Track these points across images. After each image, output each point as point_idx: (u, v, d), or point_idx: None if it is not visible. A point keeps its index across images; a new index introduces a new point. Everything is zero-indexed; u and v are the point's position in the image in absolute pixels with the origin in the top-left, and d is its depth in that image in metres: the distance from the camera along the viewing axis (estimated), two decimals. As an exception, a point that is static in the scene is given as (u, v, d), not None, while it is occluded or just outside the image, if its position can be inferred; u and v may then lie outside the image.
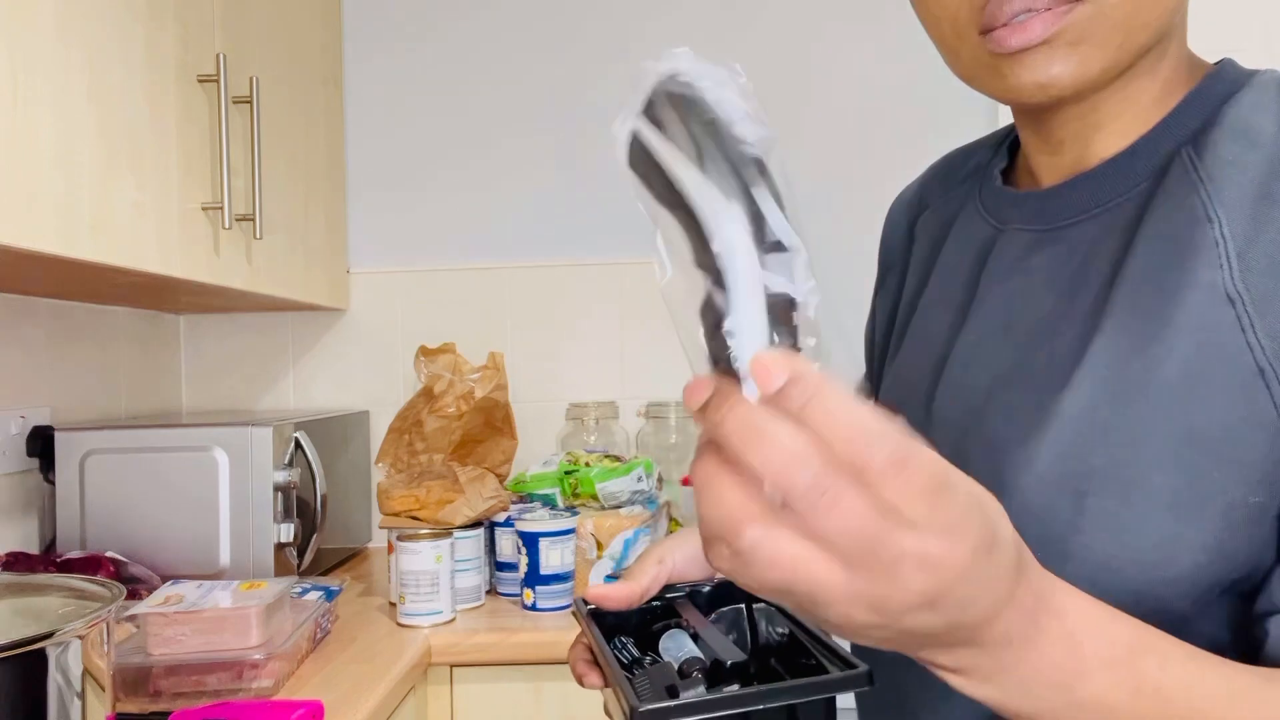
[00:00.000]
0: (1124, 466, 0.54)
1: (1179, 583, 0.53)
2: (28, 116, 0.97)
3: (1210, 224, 0.55)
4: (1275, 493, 0.52)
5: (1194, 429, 0.53)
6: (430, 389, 1.67)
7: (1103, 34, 0.57)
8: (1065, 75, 0.58)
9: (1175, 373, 0.54)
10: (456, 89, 2.04)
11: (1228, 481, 0.52)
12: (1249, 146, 0.56)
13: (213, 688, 1.08)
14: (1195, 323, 0.54)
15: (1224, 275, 0.54)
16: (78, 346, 1.65)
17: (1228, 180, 0.56)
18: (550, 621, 1.44)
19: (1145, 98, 0.61)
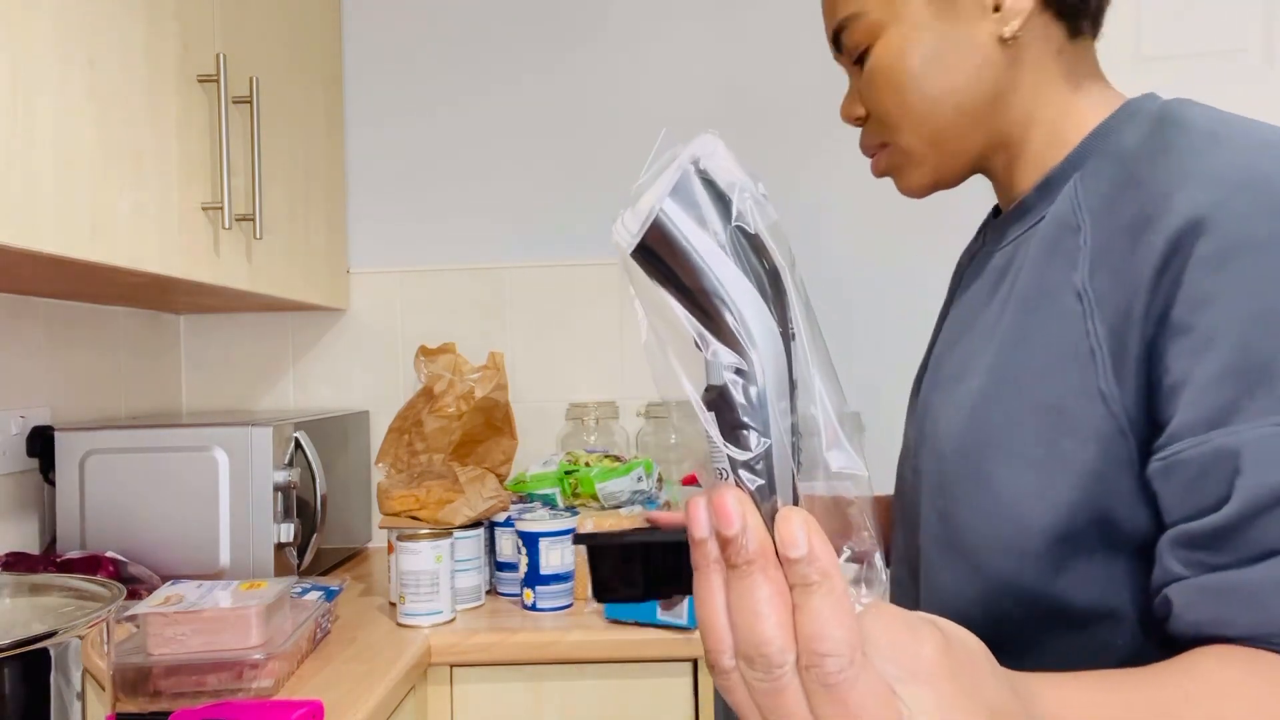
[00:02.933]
0: (1003, 437, 0.66)
1: (1039, 528, 0.63)
2: (28, 116, 0.97)
3: (1077, 232, 0.66)
4: (1112, 456, 0.61)
5: (1051, 404, 0.64)
6: (430, 389, 1.67)
7: (913, 165, 0.77)
8: (911, 190, 0.78)
9: (1041, 358, 0.65)
10: (456, 89, 2.04)
11: (1076, 447, 0.62)
12: (1111, 163, 0.67)
13: (213, 688, 1.08)
14: (1058, 315, 0.65)
15: (1079, 274, 0.64)
16: (78, 346, 1.65)
17: (1093, 193, 0.67)
18: (550, 621, 1.44)
19: (1035, 148, 0.74)
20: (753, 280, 0.41)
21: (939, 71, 0.73)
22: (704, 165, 0.42)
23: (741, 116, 2.01)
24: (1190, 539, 0.57)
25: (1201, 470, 0.56)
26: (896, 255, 1.97)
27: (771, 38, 2.00)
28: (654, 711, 1.40)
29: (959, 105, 0.73)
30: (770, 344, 0.41)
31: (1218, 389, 0.56)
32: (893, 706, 0.39)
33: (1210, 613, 0.56)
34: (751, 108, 2.01)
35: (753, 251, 0.42)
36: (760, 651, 0.39)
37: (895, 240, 1.97)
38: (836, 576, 0.39)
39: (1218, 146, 0.62)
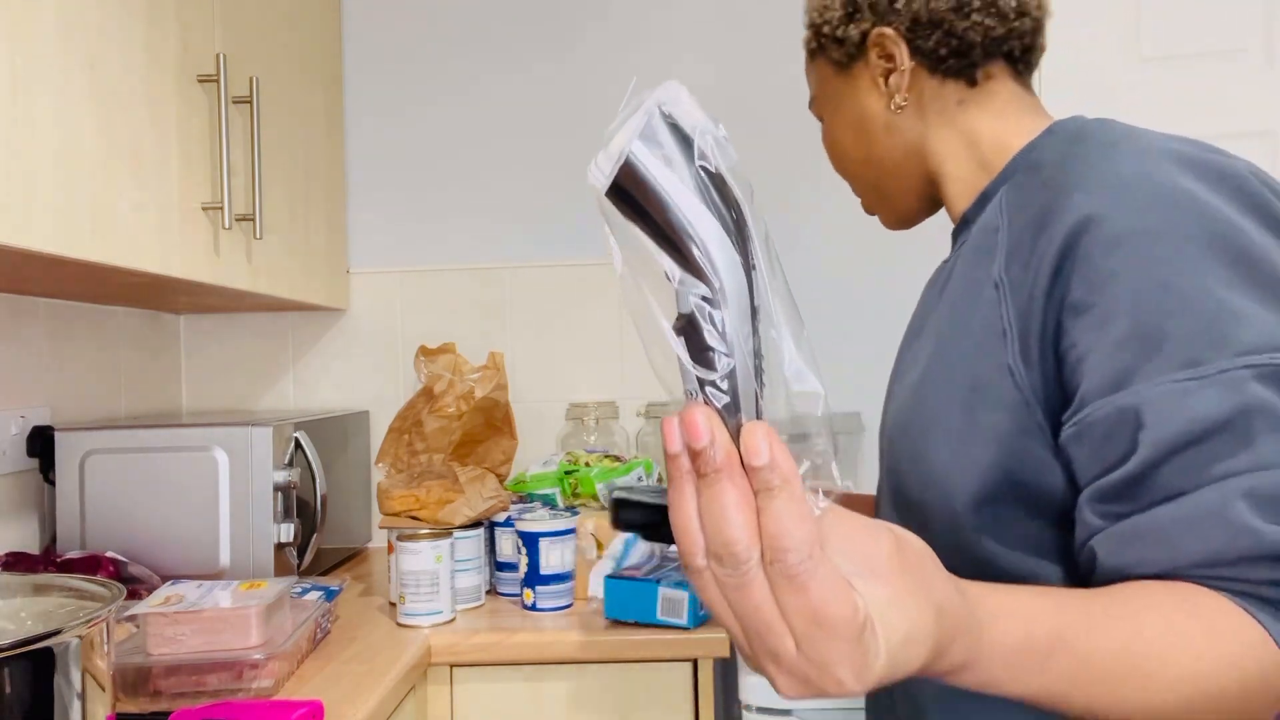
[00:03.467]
0: (935, 415, 0.75)
1: (962, 491, 0.71)
2: (28, 116, 0.97)
3: (997, 232, 0.75)
4: (1020, 425, 0.68)
5: (972, 382, 0.72)
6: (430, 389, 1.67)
7: (876, 209, 0.95)
8: (890, 227, 0.96)
9: (967, 344, 0.74)
10: (456, 89, 2.04)
11: (990, 417, 0.70)
12: (1030, 173, 0.77)
13: (213, 688, 1.08)
14: (982, 305, 0.73)
15: (996, 266, 0.73)
16: (78, 346, 1.65)
17: (1014, 200, 0.76)
18: (550, 621, 1.44)
19: (962, 175, 0.86)
20: (716, 215, 0.45)
21: (860, 141, 0.90)
22: (668, 110, 0.46)
23: (741, 116, 2.01)
24: (1104, 493, 0.63)
25: (1107, 429, 0.63)
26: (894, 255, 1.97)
27: (771, 38, 2.00)
28: (654, 711, 1.40)
29: (881, 163, 0.89)
30: (733, 273, 0.45)
31: (1117, 356, 0.63)
32: (849, 595, 0.43)
33: (1128, 556, 0.61)
34: (751, 107, 2.01)
35: (715, 189, 0.45)
36: (729, 550, 0.43)
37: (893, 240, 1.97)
38: (796, 482, 0.43)
39: (1115, 152, 0.70)
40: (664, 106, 0.45)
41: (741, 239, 0.45)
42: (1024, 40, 0.84)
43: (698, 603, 1.39)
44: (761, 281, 0.45)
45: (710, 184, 0.45)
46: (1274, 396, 0.59)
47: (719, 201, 0.45)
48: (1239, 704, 0.56)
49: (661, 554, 1.58)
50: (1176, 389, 0.61)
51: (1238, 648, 0.56)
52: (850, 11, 0.87)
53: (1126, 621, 0.56)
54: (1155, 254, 0.63)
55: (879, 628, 0.44)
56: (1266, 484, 0.58)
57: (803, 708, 1.33)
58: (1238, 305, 0.61)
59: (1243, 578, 0.57)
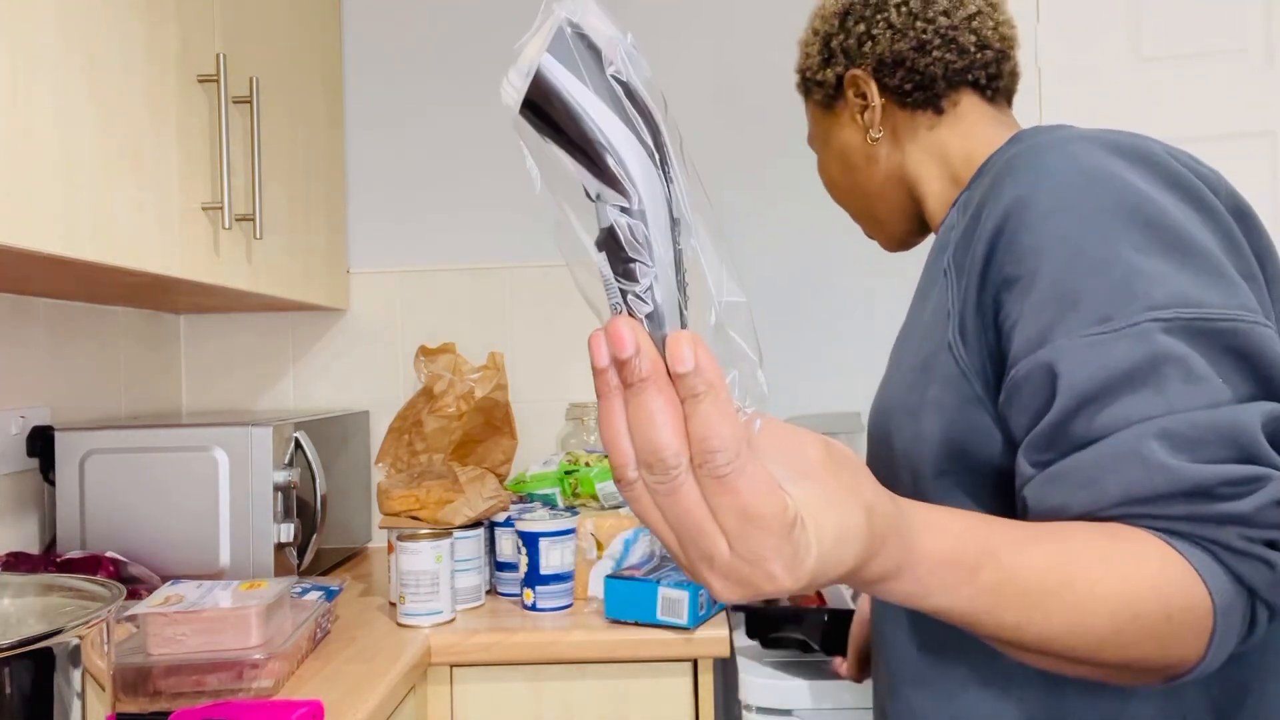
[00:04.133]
0: (896, 394, 0.82)
1: (922, 463, 0.77)
2: (28, 117, 0.97)
3: (953, 229, 0.81)
4: (960, 394, 0.74)
5: (922, 361, 0.78)
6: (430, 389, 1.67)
7: (870, 232, 1.04)
8: (887, 248, 1.05)
9: (922, 328, 0.81)
10: (456, 89, 2.04)
11: (937, 391, 0.76)
12: (984, 175, 0.82)
13: (213, 688, 1.08)
14: (936, 294, 0.79)
15: (947, 258, 0.78)
16: (78, 346, 1.65)
17: (966, 198, 0.83)
18: (550, 621, 1.44)
19: (936, 191, 0.93)
20: (630, 127, 0.44)
21: (846, 172, 0.99)
22: (577, 20, 0.45)
23: (741, 115, 2.01)
24: (1032, 444, 0.67)
25: (1031, 386, 0.67)
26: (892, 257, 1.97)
27: (771, 38, 2.00)
28: (654, 711, 1.40)
29: (867, 191, 0.98)
30: (650, 184, 0.44)
31: (1038, 318, 0.67)
32: (777, 492, 0.45)
33: (1054, 499, 0.64)
34: (751, 107, 2.01)
35: (628, 99, 0.45)
36: (658, 456, 0.44)
37: (895, 240, 1.97)
38: (721, 386, 0.44)
39: (1048, 146, 0.74)
40: (573, 18, 0.45)
41: (658, 149, 0.45)
42: (988, 70, 0.91)
43: (698, 603, 1.39)
44: (679, 192, 0.45)
45: (623, 95, 0.44)
46: (1181, 347, 0.63)
47: (633, 112, 0.44)
48: (1165, 628, 0.58)
49: (661, 554, 1.58)
50: (1088, 341, 0.64)
51: (1162, 574, 0.59)
52: (826, 57, 0.97)
53: (1055, 544, 0.59)
54: (1073, 225, 0.68)
55: (809, 524, 0.46)
56: (1178, 425, 0.61)
57: (804, 708, 1.33)
58: (1149, 268, 0.65)
59: (1161, 514, 0.60)
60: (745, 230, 2.01)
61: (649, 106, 0.45)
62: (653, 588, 1.39)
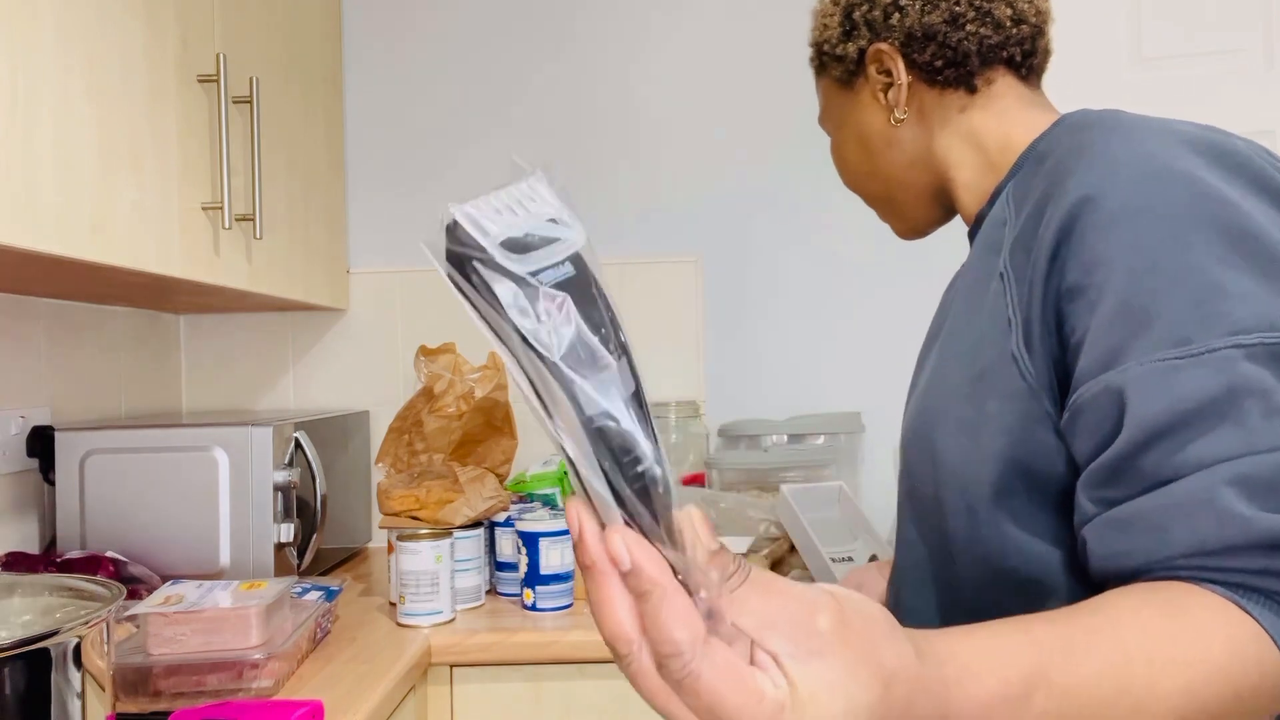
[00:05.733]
0: (944, 410, 0.75)
1: (978, 484, 0.70)
2: (28, 116, 0.97)
3: (1004, 225, 0.75)
4: (1026, 412, 0.67)
5: (978, 373, 0.72)
6: (430, 389, 1.67)
7: (886, 218, 0.97)
8: (901, 236, 0.98)
9: (976, 334, 0.73)
10: (456, 88, 2.04)
11: (998, 406, 0.69)
12: (1035, 165, 0.77)
13: (213, 688, 1.08)
14: (990, 297, 0.73)
15: (1002, 259, 0.73)
16: (78, 346, 1.65)
17: (1019, 189, 0.76)
18: (550, 621, 1.44)
19: (969, 178, 0.86)
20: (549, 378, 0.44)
21: (865, 155, 0.91)
22: (460, 239, 0.45)
23: (742, 116, 2.01)
24: (1094, 477, 0.62)
25: (1096, 411, 0.62)
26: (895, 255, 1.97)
27: (774, 39, 2.00)
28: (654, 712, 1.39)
29: (887, 176, 0.91)
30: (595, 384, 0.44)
31: (1107, 336, 0.62)
32: (749, 688, 0.41)
33: (1117, 545, 0.60)
34: (753, 108, 2.01)
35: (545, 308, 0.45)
36: (611, 644, 0.43)
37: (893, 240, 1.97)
38: (665, 584, 0.41)
39: (1113, 136, 0.69)
40: (453, 238, 0.45)
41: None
42: (1023, 46, 0.84)
43: (698, 603, 1.39)
44: (614, 385, 0.44)
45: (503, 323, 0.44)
46: (1266, 377, 0.57)
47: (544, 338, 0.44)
48: (1236, 706, 0.54)
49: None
50: (1162, 367, 0.59)
51: (1229, 650, 0.54)
52: (848, 29, 0.88)
53: (1108, 644, 0.54)
54: (1147, 232, 0.62)
55: (808, 709, 0.42)
56: (1256, 468, 0.56)
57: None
58: (1231, 283, 0.60)
59: (1232, 567, 0.56)
60: (745, 230, 2.01)
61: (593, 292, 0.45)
62: (653, 588, 1.39)
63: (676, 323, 1.99)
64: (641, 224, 2.02)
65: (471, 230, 0.45)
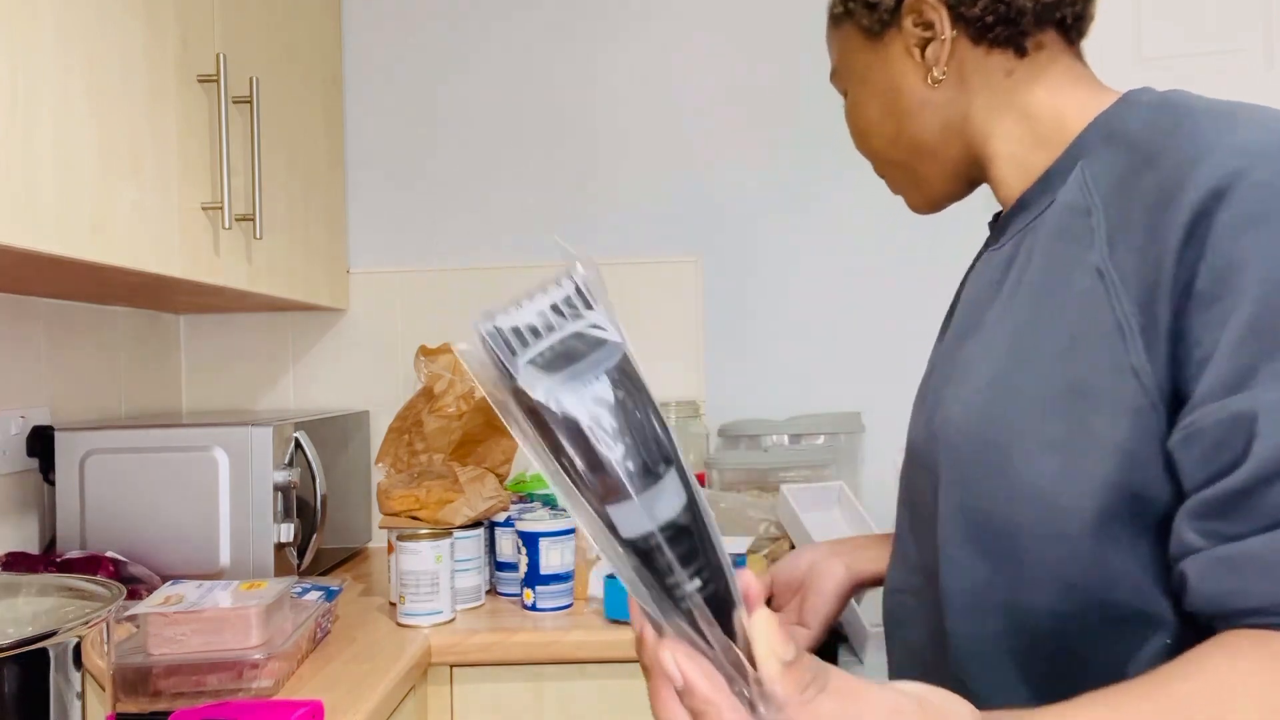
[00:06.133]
0: (1023, 423, 0.66)
1: (1076, 511, 0.62)
2: (28, 117, 0.97)
3: (1089, 215, 0.67)
4: (1144, 431, 0.60)
5: (1073, 384, 0.64)
6: (430, 389, 1.67)
7: (903, 188, 0.85)
8: (915, 209, 0.86)
9: (1062, 337, 0.65)
10: (457, 89, 2.04)
11: (1106, 425, 0.61)
12: (1118, 148, 0.69)
13: (213, 688, 1.08)
14: (1078, 296, 0.65)
15: (1096, 254, 0.65)
16: (78, 346, 1.65)
17: (1102, 177, 0.68)
18: (550, 621, 1.44)
19: (1012, 153, 0.77)
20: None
21: (890, 117, 0.81)
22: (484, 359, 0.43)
23: (742, 115, 2.01)
24: (1205, 507, 0.57)
25: (1218, 436, 0.56)
26: (895, 254, 1.97)
27: (777, 39, 2.00)
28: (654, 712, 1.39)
29: (914, 142, 0.80)
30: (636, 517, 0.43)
31: (1237, 355, 0.56)
32: None
33: (1224, 584, 0.55)
34: (753, 107, 2.00)
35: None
36: None
37: (893, 239, 1.97)
38: (719, 701, 0.42)
39: (1234, 121, 0.63)
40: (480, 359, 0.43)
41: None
42: (1075, 7, 0.77)
43: (698, 603, 1.38)
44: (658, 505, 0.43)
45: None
46: None
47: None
48: None
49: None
50: None
51: None
52: None
53: (1213, 707, 0.50)
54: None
55: None
56: None
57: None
58: None
59: None
60: (745, 230, 2.01)
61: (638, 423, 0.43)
62: (653, 588, 1.39)
63: (676, 323, 1.99)
64: (641, 224, 2.02)
65: (500, 351, 0.43)
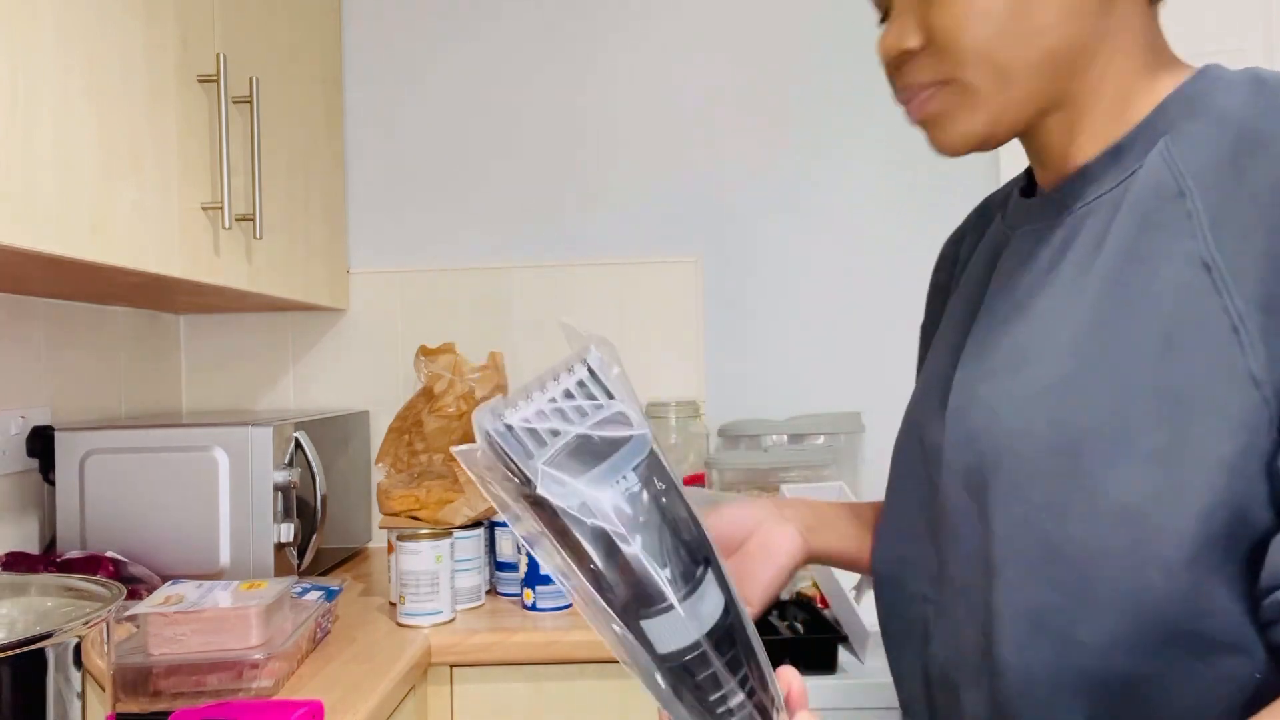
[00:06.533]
0: (1110, 425, 0.58)
1: (1173, 532, 0.55)
2: (28, 117, 0.97)
3: (1183, 198, 0.60)
4: (1255, 448, 0.54)
5: (1174, 387, 0.57)
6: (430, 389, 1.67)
7: (972, 107, 0.66)
8: (954, 143, 0.68)
9: (1154, 335, 0.58)
10: (457, 88, 2.04)
11: (1212, 437, 0.55)
12: (1218, 127, 0.61)
13: (213, 688, 1.08)
14: (1173, 288, 0.58)
15: (1199, 244, 0.58)
16: (78, 346, 1.65)
17: (1198, 158, 0.61)
18: (550, 621, 1.44)
19: (1097, 113, 0.67)
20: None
21: (1020, 14, 0.64)
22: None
23: (743, 115, 2.01)
24: None
25: None
26: (900, 255, 1.97)
27: (777, 39, 2.00)
28: (653, 712, 1.39)
29: (1044, 48, 0.64)
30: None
31: None
32: None
33: None
34: (753, 107, 2.00)
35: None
36: None
37: (894, 236, 1.97)
38: None
39: None
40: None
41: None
42: None
43: (698, 603, 1.39)
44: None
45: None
46: None
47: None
48: None
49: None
50: None
51: None
52: None
53: None
54: None
55: None
56: None
57: (803, 708, 1.33)
58: None
59: None
60: (745, 230, 2.01)
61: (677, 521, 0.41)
62: (653, 588, 1.39)
63: (676, 323, 1.99)
64: (641, 224, 2.02)
65: (513, 453, 0.40)
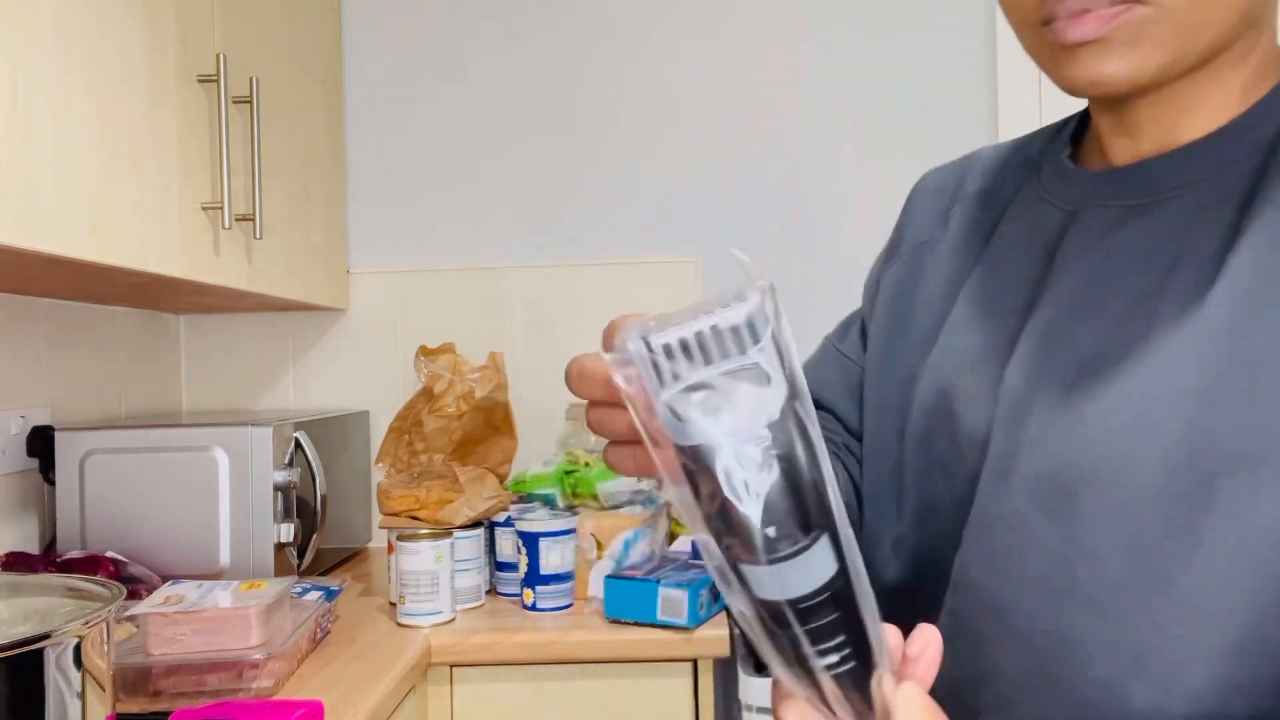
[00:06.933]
0: (1253, 442, 0.50)
1: None
2: (28, 116, 0.97)
3: None
4: None
5: None
6: (430, 389, 1.67)
7: (1159, 35, 0.56)
8: (1119, 74, 0.57)
9: None
10: (456, 88, 2.04)
11: None
12: None
13: (213, 688, 1.08)
14: None
15: None
16: (78, 346, 1.65)
17: None
18: (550, 621, 1.44)
19: (1233, 84, 0.59)
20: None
21: None
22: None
23: (743, 115, 2.01)
24: None
25: None
26: (896, 255, 1.97)
27: (777, 39, 2.00)
28: (654, 711, 1.40)
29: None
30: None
31: None
32: None
33: None
34: (753, 107, 2.00)
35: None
36: None
37: (895, 240, 1.97)
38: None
39: None
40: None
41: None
42: None
43: (698, 602, 1.39)
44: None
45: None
46: None
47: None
48: None
49: (661, 554, 1.58)
50: None
51: None
52: None
53: None
54: None
55: None
56: None
57: (803, 708, 1.33)
58: None
59: None
60: (745, 231, 2.01)
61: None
62: (653, 587, 1.39)
63: (676, 323, 1.98)
64: (641, 224, 2.01)
65: (648, 377, 0.38)
